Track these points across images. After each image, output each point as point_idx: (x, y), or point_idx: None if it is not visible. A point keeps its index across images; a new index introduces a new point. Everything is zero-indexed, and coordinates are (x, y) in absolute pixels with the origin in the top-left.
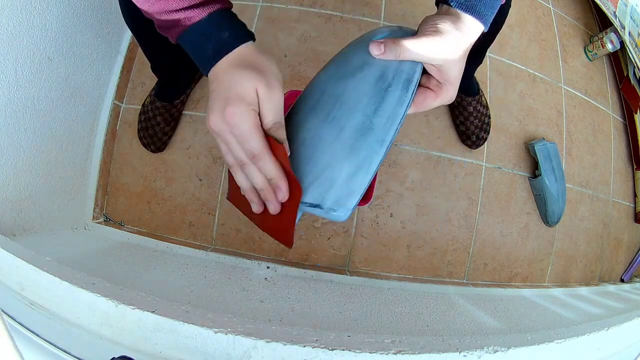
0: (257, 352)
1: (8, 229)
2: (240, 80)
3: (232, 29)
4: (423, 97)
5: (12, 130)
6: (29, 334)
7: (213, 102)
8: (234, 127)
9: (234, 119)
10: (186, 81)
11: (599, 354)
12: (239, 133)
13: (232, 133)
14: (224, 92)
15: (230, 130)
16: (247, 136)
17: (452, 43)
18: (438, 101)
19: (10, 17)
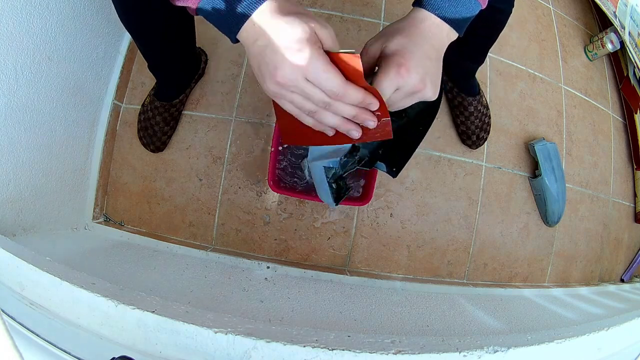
0: (257, 352)
1: (8, 229)
2: (295, 24)
3: None
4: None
5: (12, 130)
6: (29, 334)
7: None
8: (308, 70)
9: (307, 61)
10: (185, 81)
11: (599, 354)
12: (315, 75)
13: (307, 79)
14: (282, 40)
15: (305, 75)
16: (325, 75)
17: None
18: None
19: (10, 17)
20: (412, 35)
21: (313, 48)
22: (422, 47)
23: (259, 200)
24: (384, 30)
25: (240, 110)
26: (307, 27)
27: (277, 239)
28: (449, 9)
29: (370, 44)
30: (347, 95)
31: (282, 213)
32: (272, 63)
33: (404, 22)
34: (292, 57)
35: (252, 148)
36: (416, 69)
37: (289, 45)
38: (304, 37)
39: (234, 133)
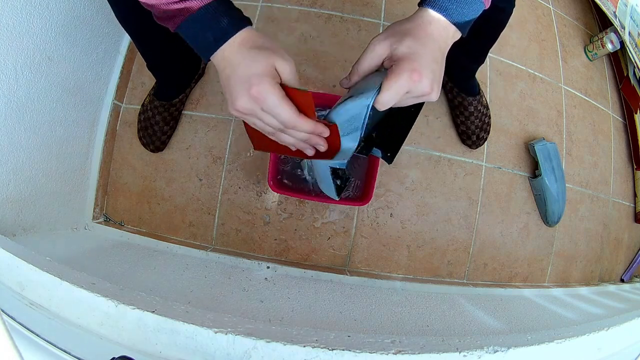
0: (257, 352)
1: (8, 229)
2: (257, 59)
3: (231, 16)
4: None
5: (12, 130)
6: (29, 334)
7: (234, 86)
8: (263, 102)
9: (262, 95)
10: (185, 80)
11: (599, 354)
12: (269, 107)
13: (263, 110)
14: (243, 73)
15: (261, 107)
16: (278, 109)
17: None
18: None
19: (10, 17)
20: (421, 38)
21: (269, 83)
22: (431, 50)
23: (259, 200)
24: (392, 29)
25: None
26: (266, 62)
27: (277, 239)
28: (455, 11)
29: (377, 42)
30: (297, 127)
31: (282, 213)
32: (234, 93)
33: (412, 23)
34: (249, 90)
35: (252, 148)
36: (427, 75)
37: (248, 79)
38: (262, 72)
39: (234, 133)
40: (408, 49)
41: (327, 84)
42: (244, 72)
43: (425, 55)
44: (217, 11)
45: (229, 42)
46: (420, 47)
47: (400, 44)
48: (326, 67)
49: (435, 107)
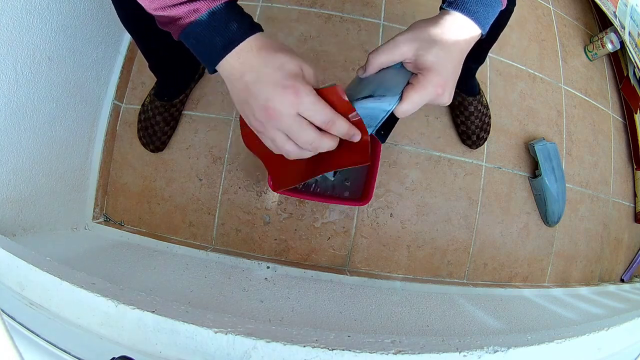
0: (257, 352)
1: (8, 229)
2: (285, 61)
3: (241, 21)
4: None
5: (12, 130)
6: (29, 334)
7: (261, 90)
8: (300, 104)
9: (299, 95)
10: (185, 80)
11: (599, 354)
12: (307, 108)
13: (298, 112)
14: (274, 76)
15: (297, 109)
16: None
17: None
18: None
19: (10, 17)
20: (448, 46)
21: (304, 83)
22: (455, 60)
23: (259, 200)
24: (419, 31)
25: None
26: (296, 64)
27: (277, 239)
28: (482, 14)
29: (403, 42)
30: (336, 125)
31: (282, 213)
32: (263, 97)
33: (440, 27)
34: (285, 91)
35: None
36: (449, 88)
37: (281, 81)
38: (295, 74)
39: (234, 133)
40: (435, 58)
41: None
42: (273, 76)
43: (449, 66)
44: (226, 15)
45: (244, 46)
46: (446, 58)
47: (428, 52)
48: (326, 67)
49: (435, 107)
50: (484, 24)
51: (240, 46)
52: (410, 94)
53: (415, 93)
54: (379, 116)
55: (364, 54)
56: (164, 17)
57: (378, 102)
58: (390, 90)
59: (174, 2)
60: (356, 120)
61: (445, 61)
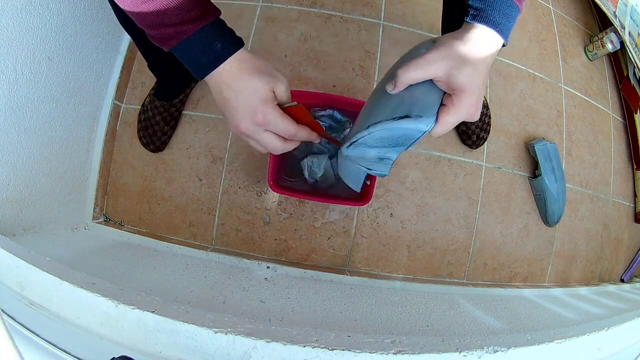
0: (257, 352)
1: (8, 229)
2: (259, 85)
3: (224, 39)
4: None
5: (12, 130)
6: (29, 334)
7: (235, 110)
8: (268, 124)
9: (267, 118)
10: (185, 80)
11: (599, 354)
12: (273, 127)
13: (266, 130)
14: (245, 100)
15: (265, 128)
16: (281, 125)
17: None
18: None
19: (10, 17)
20: (478, 63)
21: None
22: (485, 76)
23: (259, 200)
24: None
25: None
26: (267, 88)
27: (277, 239)
28: (505, 25)
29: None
30: (297, 135)
31: (282, 213)
32: (236, 116)
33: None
34: (254, 116)
35: (252, 148)
36: (480, 106)
37: (252, 106)
38: (264, 99)
39: (234, 133)
40: (467, 78)
41: (327, 84)
42: (246, 100)
43: (480, 84)
44: (211, 35)
45: (226, 66)
46: (477, 77)
47: (460, 72)
48: (326, 67)
49: None
50: (506, 34)
51: (225, 64)
52: (445, 116)
53: (449, 116)
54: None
55: (364, 54)
56: (155, 34)
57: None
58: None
59: (163, 23)
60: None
61: (477, 80)
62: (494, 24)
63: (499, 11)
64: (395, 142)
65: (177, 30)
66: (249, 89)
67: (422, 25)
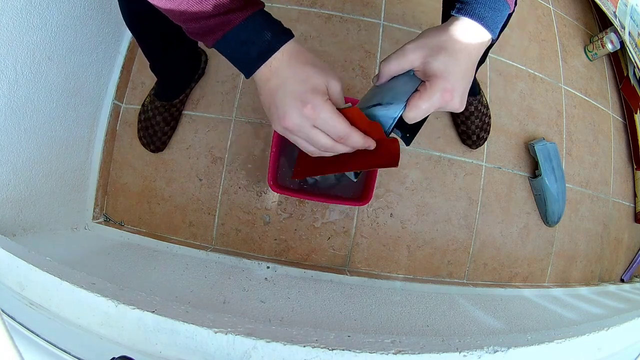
0: (257, 352)
1: (8, 229)
2: (311, 76)
3: (273, 29)
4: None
5: (12, 130)
6: (29, 334)
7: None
8: (317, 119)
9: (317, 111)
10: (186, 81)
11: (599, 354)
12: (323, 123)
13: (314, 125)
14: (295, 89)
15: (313, 123)
16: (332, 122)
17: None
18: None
19: (10, 17)
20: (455, 52)
21: (323, 99)
22: (464, 65)
23: (259, 200)
24: (427, 39)
25: (240, 110)
26: (321, 81)
27: (277, 239)
28: (491, 19)
29: (410, 50)
30: (350, 138)
31: (282, 213)
32: (282, 108)
33: (447, 34)
34: (303, 107)
35: (252, 148)
36: (457, 93)
37: (301, 95)
38: (317, 89)
39: (234, 133)
40: (442, 65)
41: None
42: (296, 88)
43: (458, 72)
44: (260, 24)
45: (277, 56)
46: (453, 64)
47: (435, 59)
48: None
49: None
50: (493, 28)
51: (275, 54)
52: (416, 101)
53: (420, 100)
54: (388, 123)
55: (364, 54)
56: (196, 28)
57: (385, 110)
58: (397, 99)
59: (206, 15)
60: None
61: (453, 67)
62: (478, 17)
63: (485, 5)
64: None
65: (222, 21)
66: (299, 77)
67: (422, 25)
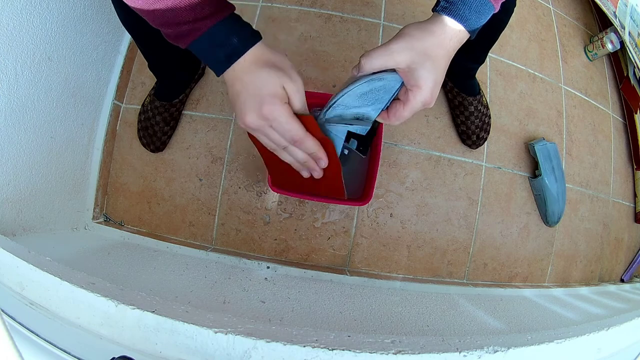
0: (257, 352)
1: (8, 229)
2: (267, 79)
3: (240, 33)
4: (394, 109)
5: (12, 130)
6: (29, 334)
7: (244, 102)
8: (273, 121)
9: (273, 114)
10: (185, 80)
11: (599, 354)
12: (278, 125)
13: (271, 127)
14: (254, 92)
15: (270, 124)
16: (287, 126)
17: (415, 44)
18: (407, 108)
19: (10, 17)
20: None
21: (279, 104)
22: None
23: (259, 200)
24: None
25: None
26: (276, 82)
27: (277, 239)
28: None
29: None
30: (304, 142)
31: (282, 213)
32: (244, 109)
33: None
34: (260, 109)
35: (252, 148)
36: (435, 96)
37: (259, 99)
38: (272, 93)
39: (234, 133)
40: (427, 73)
41: (327, 84)
42: (254, 92)
43: (438, 80)
44: (227, 30)
45: (240, 60)
46: (436, 72)
47: (421, 66)
48: (326, 67)
49: (435, 107)
50: (474, 29)
51: (240, 59)
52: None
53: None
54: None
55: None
56: (170, 33)
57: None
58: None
59: (177, 21)
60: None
61: (435, 75)
62: (462, 19)
63: (471, 7)
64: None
65: (192, 28)
66: (257, 81)
67: None
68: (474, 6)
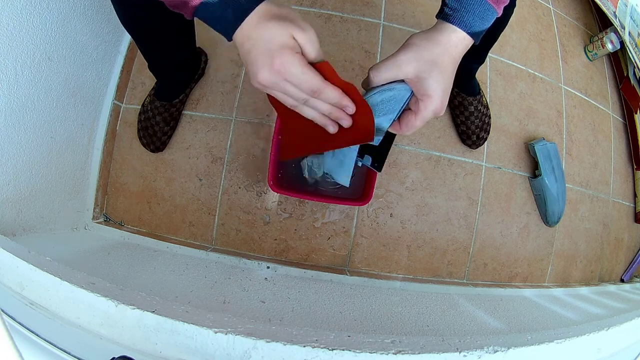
0: (257, 352)
1: (8, 229)
2: (276, 31)
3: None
4: (406, 119)
5: (12, 130)
6: (29, 334)
7: (255, 59)
8: (286, 74)
9: (285, 66)
10: (185, 80)
11: (599, 354)
12: (293, 77)
13: (286, 80)
14: (263, 47)
15: (284, 78)
16: (303, 77)
17: (422, 55)
18: (419, 118)
19: (10, 17)
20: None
21: (290, 54)
22: (452, 74)
23: (259, 200)
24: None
25: (240, 110)
26: (285, 32)
27: (277, 239)
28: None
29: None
30: (324, 91)
31: (282, 213)
32: (255, 66)
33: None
34: (272, 63)
35: (252, 148)
36: (445, 104)
37: (269, 53)
38: (282, 44)
39: (234, 133)
40: (435, 83)
41: None
42: (264, 46)
43: (447, 88)
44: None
45: (247, 19)
46: (444, 80)
47: (429, 75)
48: None
49: None
50: (479, 35)
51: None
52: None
53: (417, 121)
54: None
55: (364, 54)
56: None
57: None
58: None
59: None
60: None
61: (444, 83)
62: (466, 26)
63: (474, 14)
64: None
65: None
66: (266, 34)
67: (422, 25)
68: (477, 12)
